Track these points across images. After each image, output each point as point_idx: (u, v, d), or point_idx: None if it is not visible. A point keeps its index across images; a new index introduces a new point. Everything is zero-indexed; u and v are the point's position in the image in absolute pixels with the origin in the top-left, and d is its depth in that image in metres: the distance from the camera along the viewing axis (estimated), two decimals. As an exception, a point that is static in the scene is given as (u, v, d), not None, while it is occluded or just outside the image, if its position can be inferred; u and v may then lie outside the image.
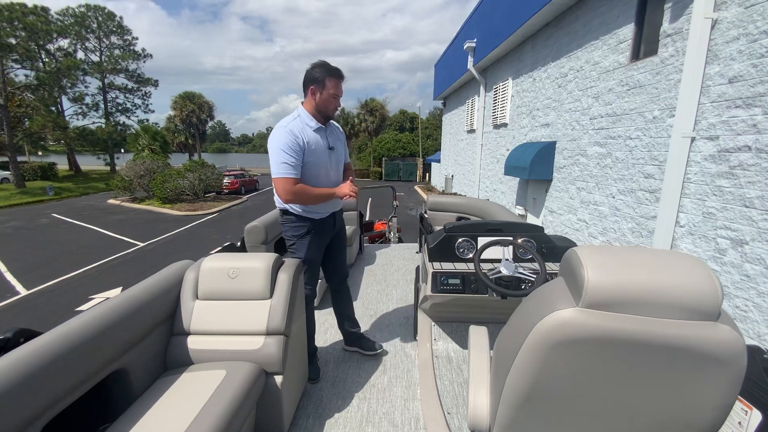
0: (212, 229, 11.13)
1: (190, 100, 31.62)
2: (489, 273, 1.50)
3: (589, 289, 0.65)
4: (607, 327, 0.65)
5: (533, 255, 1.50)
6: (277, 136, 1.76)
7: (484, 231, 1.75)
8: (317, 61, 1.87)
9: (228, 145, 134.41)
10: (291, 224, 1.90)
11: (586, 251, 0.71)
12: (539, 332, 0.69)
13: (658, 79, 4.28)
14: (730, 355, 0.63)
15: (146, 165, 15.69)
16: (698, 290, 0.63)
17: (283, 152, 1.74)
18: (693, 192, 3.82)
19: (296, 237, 1.88)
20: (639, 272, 0.65)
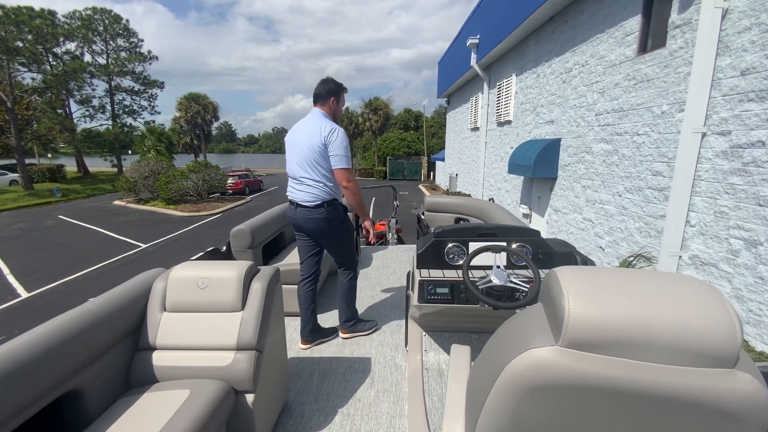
0: (215, 230, 11.12)
1: (195, 101, 31.81)
2: (479, 282, 1.39)
3: (571, 324, 0.52)
4: (593, 372, 0.52)
5: (527, 262, 1.38)
6: (343, 134, 2.12)
7: (475, 236, 1.63)
8: (328, 77, 2.25)
9: (234, 146, 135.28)
10: (336, 211, 2.18)
11: (568, 275, 0.58)
12: (511, 373, 0.58)
13: (666, 73, 4.10)
14: (750, 410, 0.50)
15: (151, 166, 15.76)
16: (711, 329, 0.50)
17: (347, 148, 2.12)
18: (704, 190, 3.65)
19: (341, 221, 2.21)
20: (635, 304, 0.52)
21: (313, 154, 2.08)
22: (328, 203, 2.14)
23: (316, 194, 2.12)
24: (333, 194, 2.16)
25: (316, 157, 2.08)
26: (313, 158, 2.09)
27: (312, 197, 2.13)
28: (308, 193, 2.14)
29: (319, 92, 2.20)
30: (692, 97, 3.65)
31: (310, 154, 2.09)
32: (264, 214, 2.91)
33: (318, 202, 2.13)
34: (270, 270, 1.51)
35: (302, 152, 2.12)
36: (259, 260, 2.62)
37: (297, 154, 2.16)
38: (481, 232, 1.65)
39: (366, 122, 30.67)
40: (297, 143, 2.17)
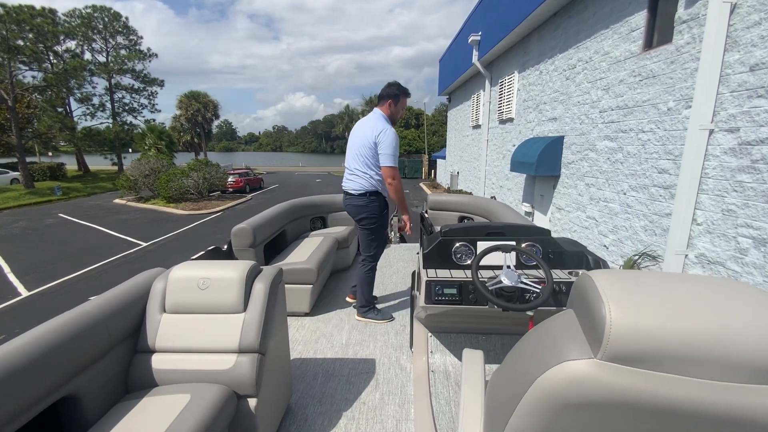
0: (215, 228, 11.09)
1: (195, 99, 31.75)
2: (489, 283, 1.34)
3: (613, 336, 0.47)
4: (637, 389, 0.47)
5: (538, 262, 1.33)
6: (393, 135, 2.33)
7: (484, 235, 1.59)
8: (394, 81, 2.48)
9: (235, 144, 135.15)
10: (374, 203, 2.43)
11: (606, 279, 0.52)
12: (543, 387, 0.53)
13: (672, 69, 4.04)
14: None
15: (151, 164, 15.72)
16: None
17: (395, 148, 2.33)
18: (711, 188, 3.59)
19: (377, 215, 2.45)
20: (684, 314, 0.47)
21: (365, 149, 2.35)
22: (370, 194, 2.41)
23: (362, 185, 2.40)
24: (377, 187, 2.42)
25: (366, 152, 2.34)
26: (364, 153, 2.35)
27: (358, 186, 2.41)
28: (356, 182, 2.42)
29: (381, 94, 2.46)
30: (700, 93, 3.60)
31: (362, 149, 2.36)
32: (266, 212, 2.87)
33: (362, 191, 2.41)
34: (272, 270, 1.47)
35: (356, 147, 2.40)
36: (260, 259, 2.58)
37: (352, 148, 2.44)
38: (489, 231, 1.60)
39: (367, 120, 30.55)
40: (354, 138, 2.45)
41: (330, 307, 2.76)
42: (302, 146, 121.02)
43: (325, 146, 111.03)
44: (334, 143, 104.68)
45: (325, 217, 3.76)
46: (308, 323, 2.47)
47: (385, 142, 2.30)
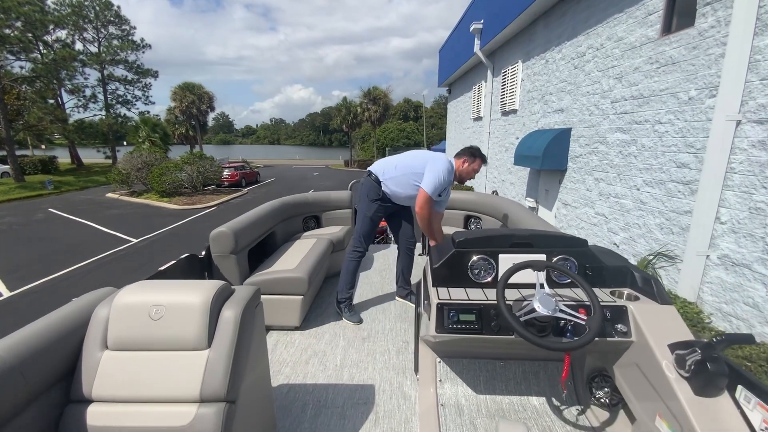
0: (209, 224, 10.79)
1: (190, 90, 31.10)
2: (517, 310, 1.07)
3: None
4: None
5: (584, 289, 1.06)
6: (448, 173, 2.34)
7: (507, 246, 1.32)
8: (476, 146, 2.54)
9: (232, 137, 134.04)
10: (369, 186, 2.49)
11: None
12: None
13: (695, 55, 3.74)
14: None
15: (144, 158, 15.34)
16: None
17: (441, 184, 2.30)
18: (737, 184, 3.32)
19: (369, 199, 2.48)
20: None
21: (412, 159, 2.43)
22: (374, 177, 2.46)
23: (378, 166, 2.50)
24: (384, 180, 2.43)
25: (411, 162, 2.40)
26: (407, 162, 2.41)
27: (372, 167, 2.53)
28: (377, 163, 2.53)
29: (461, 150, 2.51)
30: (726, 81, 3.31)
31: (409, 159, 2.44)
32: (250, 213, 2.58)
33: (371, 170, 2.51)
34: (247, 292, 1.19)
35: (406, 155, 2.49)
36: (244, 267, 2.30)
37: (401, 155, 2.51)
38: (514, 241, 1.32)
39: (365, 112, 30.10)
40: (409, 153, 2.53)
41: (323, 319, 2.50)
42: (300, 139, 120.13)
43: (323, 139, 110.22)
44: (331, 136, 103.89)
45: (319, 216, 3.47)
46: (298, 339, 2.20)
47: (435, 170, 2.28)
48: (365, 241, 2.53)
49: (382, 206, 2.50)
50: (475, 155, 2.45)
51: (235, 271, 2.18)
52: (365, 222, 2.51)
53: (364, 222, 2.51)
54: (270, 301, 2.18)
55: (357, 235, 2.53)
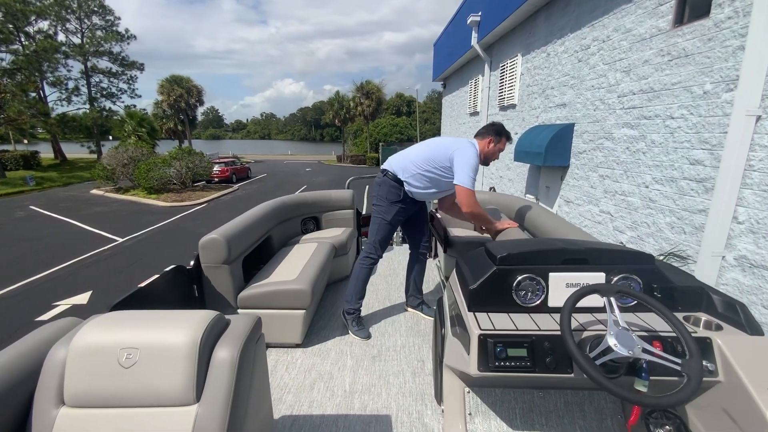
0: (199, 222, 10.45)
1: (178, 84, 30.32)
2: (585, 345, 0.87)
3: None
4: None
5: (672, 322, 0.86)
6: (475, 157, 2.11)
7: (559, 262, 1.11)
8: (498, 122, 2.34)
9: (222, 132, 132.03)
10: (388, 187, 2.23)
11: None
12: None
13: (710, 47, 3.57)
14: None
15: (130, 153, 14.83)
16: None
17: (475, 170, 2.09)
18: (757, 182, 3.18)
19: (388, 201, 2.24)
20: None
21: (432, 150, 2.15)
22: (392, 175, 2.21)
23: (395, 163, 2.23)
24: (406, 179, 2.19)
25: (431, 153, 2.14)
26: (428, 154, 2.15)
27: (388, 164, 2.26)
28: (394, 158, 2.26)
29: (481, 130, 2.28)
30: (747, 74, 3.15)
31: (429, 151, 2.17)
32: (244, 216, 2.33)
33: (387, 167, 2.25)
34: (246, 324, 0.96)
35: (423, 146, 2.22)
36: (238, 277, 2.06)
37: (418, 146, 2.25)
38: (566, 257, 1.12)
39: (358, 107, 29.70)
40: (427, 141, 2.28)
41: (327, 334, 2.27)
42: (291, 134, 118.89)
43: (314, 134, 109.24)
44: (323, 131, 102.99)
45: (318, 218, 3.23)
46: (300, 358, 1.98)
47: (466, 161, 2.05)
48: (381, 247, 2.30)
49: (403, 209, 2.26)
50: (501, 134, 2.23)
51: (228, 284, 1.95)
52: (383, 227, 2.26)
53: (381, 227, 2.26)
54: (269, 316, 1.96)
55: (373, 240, 2.29)
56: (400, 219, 2.30)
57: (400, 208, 2.26)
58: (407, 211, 2.30)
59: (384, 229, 2.27)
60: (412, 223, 2.43)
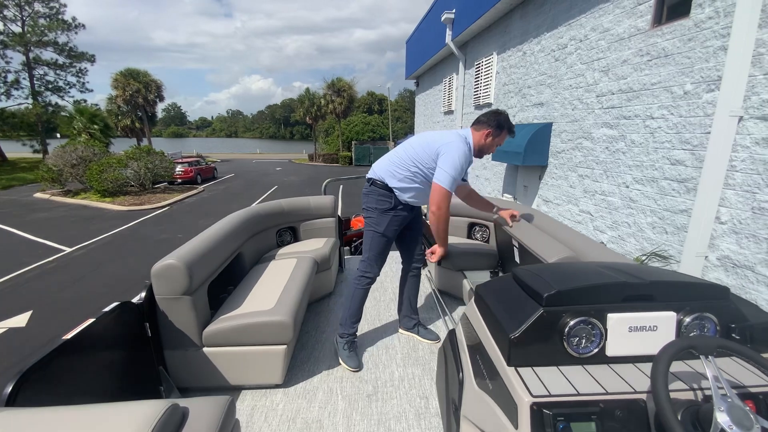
0: (161, 227, 9.69)
1: (134, 78, 28.33)
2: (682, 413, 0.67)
3: None
4: None
5: None
6: (461, 153, 1.88)
7: (620, 300, 0.91)
8: (503, 111, 2.05)
9: (185, 130, 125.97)
10: (377, 196, 2.02)
11: None
12: None
13: (690, 47, 3.58)
14: None
15: (79, 152, 13.58)
16: None
17: (459, 169, 1.87)
18: (739, 182, 3.19)
19: (379, 210, 2.01)
20: None
21: (419, 148, 1.96)
22: (380, 183, 2.01)
23: (380, 173, 2.01)
24: (396, 186, 1.98)
25: (417, 153, 1.95)
26: (411, 154, 1.97)
27: (373, 172, 2.06)
28: (377, 166, 2.05)
29: (480, 119, 2.02)
30: (729, 74, 3.14)
31: (416, 148, 1.97)
32: (210, 232, 1.97)
33: (374, 177, 2.04)
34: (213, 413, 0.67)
35: (410, 142, 2.03)
36: (202, 309, 1.71)
37: (406, 143, 2.06)
38: (629, 293, 0.91)
39: (329, 104, 29.08)
40: (417, 137, 2.08)
41: (311, 368, 1.95)
42: (259, 132, 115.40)
43: (284, 132, 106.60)
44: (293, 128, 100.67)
45: (296, 228, 2.90)
46: (282, 402, 1.67)
47: (450, 159, 1.84)
48: (377, 264, 2.05)
49: (397, 217, 2.01)
50: (502, 127, 1.97)
51: (190, 318, 1.61)
52: (376, 241, 2.01)
53: (374, 241, 2.01)
54: (242, 354, 1.65)
55: (366, 257, 2.06)
56: (395, 229, 2.05)
57: (393, 217, 2.01)
58: (402, 219, 2.05)
59: (378, 243, 2.03)
60: (403, 231, 2.17)
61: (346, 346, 2.04)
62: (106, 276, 6.27)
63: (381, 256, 2.06)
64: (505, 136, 2.02)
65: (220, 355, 1.65)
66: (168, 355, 1.64)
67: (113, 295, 5.54)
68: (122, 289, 5.71)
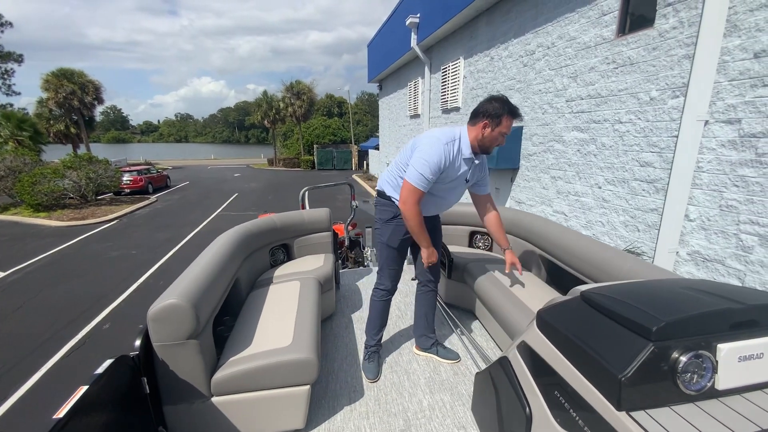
0: (109, 243, 8.78)
1: (68, 78, 25.73)
2: None
3: None
4: None
5: None
6: (433, 149, 1.76)
7: (727, 328, 0.85)
8: (499, 94, 1.86)
9: (128, 135, 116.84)
10: (381, 206, 2.02)
11: None
12: None
13: (655, 56, 3.80)
14: None
15: (7, 163, 12.04)
16: None
17: (427, 165, 1.75)
18: (706, 182, 3.42)
19: (382, 221, 2.00)
20: None
21: (404, 152, 1.92)
22: (381, 192, 2.00)
23: (381, 178, 2.03)
24: (391, 193, 1.95)
25: (403, 155, 1.91)
26: (403, 155, 1.91)
27: (378, 182, 2.05)
28: (382, 174, 2.06)
29: (478, 107, 1.82)
30: (696, 81, 3.36)
31: (407, 153, 1.89)
32: (203, 260, 1.71)
33: (378, 186, 2.04)
34: None
35: (406, 144, 1.96)
36: (209, 353, 1.47)
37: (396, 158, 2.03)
38: (737, 319, 0.85)
39: (288, 107, 28.29)
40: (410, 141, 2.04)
41: (331, 405, 1.74)
42: (212, 136, 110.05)
43: (238, 136, 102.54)
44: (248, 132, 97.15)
45: (289, 245, 2.66)
46: None
47: (420, 150, 1.74)
48: (389, 277, 2.00)
49: (399, 226, 1.92)
50: (500, 114, 1.74)
51: (195, 366, 1.36)
52: (384, 252, 1.97)
53: (382, 252, 1.98)
54: (259, 400, 1.43)
55: (378, 269, 2.06)
56: (400, 239, 1.96)
57: (396, 227, 1.94)
58: (407, 230, 1.94)
59: (385, 254, 1.97)
60: (415, 244, 2.04)
61: (367, 356, 2.08)
62: (50, 303, 5.53)
63: (391, 268, 2.00)
64: (510, 121, 1.79)
65: (232, 404, 1.42)
66: (169, 411, 1.39)
67: (60, 324, 4.89)
68: (70, 318, 5.06)
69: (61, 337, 4.63)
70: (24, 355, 4.24)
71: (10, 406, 3.48)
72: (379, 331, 2.07)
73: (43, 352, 4.29)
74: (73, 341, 4.54)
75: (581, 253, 1.90)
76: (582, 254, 1.89)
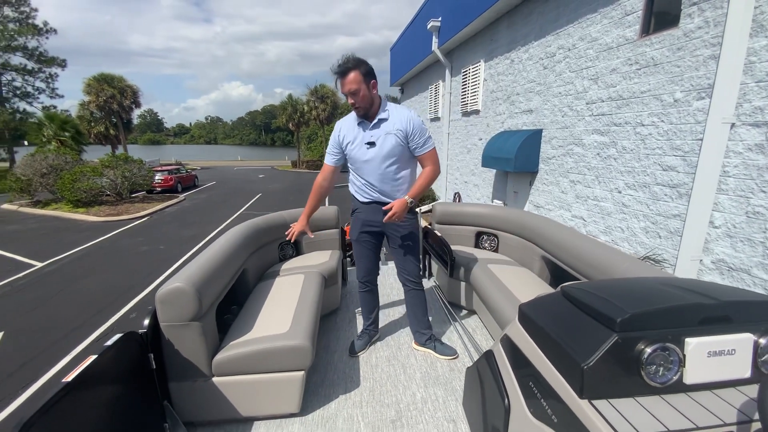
0: (140, 239, 9.26)
1: (109, 83, 27.33)
2: None
3: None
4: None
5: None
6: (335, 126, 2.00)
7: (696, 323, 0.85)
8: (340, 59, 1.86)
9: (162, 137, 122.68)
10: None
11: None
12: None
13: (680, 56, 3.67)
14: None
15: (50, 161, 12.92)
16: None
17: (330, 143, 2.00)
18: (732, 188, 3.26)
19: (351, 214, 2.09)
20: None
21: None
22: None
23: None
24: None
25: None
26: None
27: None
28: None
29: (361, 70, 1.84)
30: (722, 83, 3.23)
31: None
32: (214, 250, 1.83)
33: None
34: None
35: None
36: (211, 335, 1.57)
37: None
38: (706, 314, 0.85)
39: (312, 110, 28.88)
40: None
41: (327, 393, 1.80)
42: (240, 138, 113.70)
43: (265, 138, 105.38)
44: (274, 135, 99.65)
45: (298, 240, 2.77)
46: None
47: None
48: (360, 269, 2.14)
49: (356, 221, 2.06)
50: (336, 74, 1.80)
51: (198, 347, 1.47)
52: (354, 248, 2.14)
53: (354, 249, 2.16)
54: (256, 383, 1.51)
55: None
56: (359, 233, 2.07)
57: (354, 219, 2.08)
58: (362, 223, 2.04)
59: (354, 248, 2.15)
60: (393, 246, 2.07)
61: (359, 335, 2.29)
62: (82, 292, 5.90)
63: (359, 261, 2.13)
64: (337, 81, 1.82)
65: (231, 384, 1.51)
66: (173, 387, 1.49)
67: (90, 313, 5.21)
68: (99, 307, 5.38)
69: (92, 323, 4.93)
70: (56, 340, 4.55)
71: (39, 387, 3.75)
72: (368, 317, 2.24)
73: (73, 339, 4.58)
74: (101, 329, 4.83)
75: (582, 253, 1.88)
76: (582, 254, 1.87)
